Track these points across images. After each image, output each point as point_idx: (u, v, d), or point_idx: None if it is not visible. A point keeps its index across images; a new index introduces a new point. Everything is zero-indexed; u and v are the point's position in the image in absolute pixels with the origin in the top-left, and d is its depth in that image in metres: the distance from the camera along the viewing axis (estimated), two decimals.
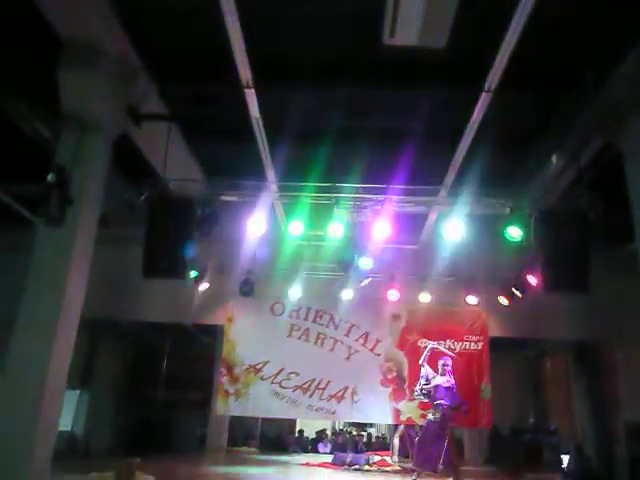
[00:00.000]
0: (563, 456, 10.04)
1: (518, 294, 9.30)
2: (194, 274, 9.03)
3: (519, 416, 13.90)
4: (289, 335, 10.85)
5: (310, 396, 10.49)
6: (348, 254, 7.36)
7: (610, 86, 5.91)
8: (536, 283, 8.30)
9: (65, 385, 5.72)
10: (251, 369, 10.63)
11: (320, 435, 14.00)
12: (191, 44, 6.08)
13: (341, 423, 15.03)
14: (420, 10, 4.42)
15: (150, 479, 5.21)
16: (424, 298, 10.01)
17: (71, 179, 5.27)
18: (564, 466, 9.71)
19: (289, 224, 7.41)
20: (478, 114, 6.36)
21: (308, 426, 14.49)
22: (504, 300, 9.78)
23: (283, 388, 10.51)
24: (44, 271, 5.62)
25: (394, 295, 10.36)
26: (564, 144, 7.19)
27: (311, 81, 6.30)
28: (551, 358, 13.35)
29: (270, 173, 7.94)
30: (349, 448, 11.98)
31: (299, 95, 6.62)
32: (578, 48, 5.88)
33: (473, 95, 6.14)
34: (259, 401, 10.51)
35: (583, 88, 6.25)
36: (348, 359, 10.70)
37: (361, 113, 7.04)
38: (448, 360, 8.05)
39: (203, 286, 9.87)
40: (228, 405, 10.58)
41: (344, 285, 9.98)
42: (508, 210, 7.03)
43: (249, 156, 7.57)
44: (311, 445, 13.56)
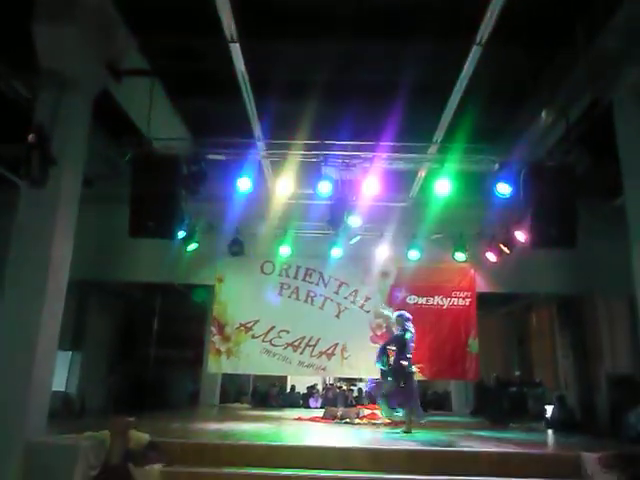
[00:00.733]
0: (547, 406, 10.36)
1: (506, 250, 9.37)
2: (182, 234, 8.96)
3: (505, 369, 14.27)
4: (279, 294, 10.92)
5: (301, 353, 10.64)
6: (337, 212, 7.33)
7: (602, 39, 5.83)
8: (524, 239, 8.37)
9: (56, 346, 5.74)
10: (242, 328, 10.72)
11: (311, 390, 14.29)
12: None
13: (331, 378, 15.32)
14: None
15: (146, 436, 5.28)
16: (413, 255, 10.06)
17: (52, 139, 5.13)
18: (548, 415, 10.04)
19: (277, 182, 7.32)
20: (469, 68, 6.23)
21: (299, 382, 14.77)
22: (492, 256, 9.86)
23: (274, 346, 10.64)
24: (29, 233, 5.54)
25: (383, 252, 10.40)
26: (554, 100, 7.12)
27: (298, 34, 6.13)
28: (536, 312, 13.60)
29: (257, 130, 7.81)
30: (339, 402, 12.25)
31: (285, 49, 6.45)
32: (569, 1, 5.75)
33: (464, 48, 6.00)
34: (250, 359, 10.65)
35: (574, 42, 6.15)
36: (338, 316, 10.82)
37: (349, 67, 6.90)
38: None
39: (192, 246, 9.83)
40: (220, 363, 10.72)
41: (333, 243, 9.99)
42: (497, 166, 7.01)
43: (236, 113, 7.41)
44: (302, 400, 13.85)
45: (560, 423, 9.44)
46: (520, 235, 8.55)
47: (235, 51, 6.08)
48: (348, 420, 8.96)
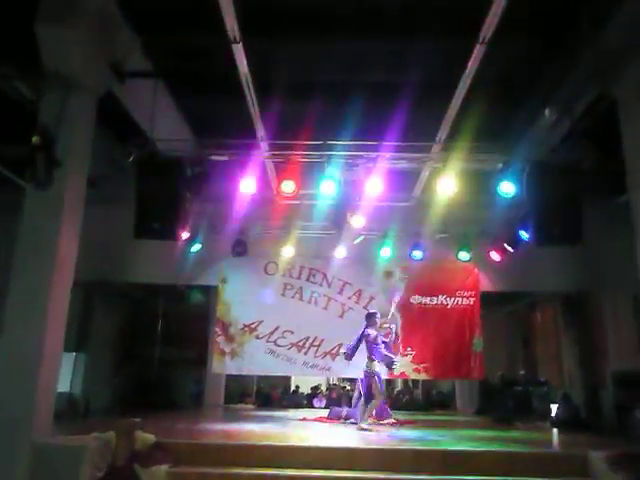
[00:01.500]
0: (552, 405, 10.33)
1: (510, 249, 9.35)
2: (186, 235, 8.96)
3: (510, 368, 14.23)
4: (283, 294, 10.92)
5: (305, 354, 10.65)
6: (341, 212, 7.33)
7: (606, 34, 5.79)
8: (528, 238, 8.34)
9: (62, 347, 5.75)
10: (246, 328, 10.73)
11: (315, 391, 14.28)
12: None
13: (335, 378, 15.31)
14: None
15: (151, 437, 5.28)
16: (417, 255, 10.05)
17: (57, 140, 5.14)
18: (553, 414, 10.01)
19: (281, 183, 7.32)
20: (472, 66, 6.22)
21: (303, 382, 14.76)
22: (496, 255, 9.84)
23: (278, 346, 10.65)
24: (35, 235, 5.55)
25: (387, 252, 10.40)
26: (557, 96, 7.10)
27: (301, 34, 6.12)
28: (541, 311, 13.55)
29: (260, 131, 7.80)
30: (344, 402, 12.23)
31: (288, 49, 6.44)
32: None
33: (467, 47, 5.99)
34: (255, 359, 10.66)
35: (578, 38, 6.12)
36: (341, 317, 10.82)
37: (352, 67, 6.88)
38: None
39: (195, 247, 9.84)
40: (224, 364, 10.73)
41: (337, 243, 9.98)
42: (501, 165, 6.99)
43: (239, 114, 7.40)
44: (306, 400, 13.84)
45: (565, 422, 9.40)
46: (524, 234, 8.52)
47: (238, 52, 6.09)
48: (353, 420, 8.93)
